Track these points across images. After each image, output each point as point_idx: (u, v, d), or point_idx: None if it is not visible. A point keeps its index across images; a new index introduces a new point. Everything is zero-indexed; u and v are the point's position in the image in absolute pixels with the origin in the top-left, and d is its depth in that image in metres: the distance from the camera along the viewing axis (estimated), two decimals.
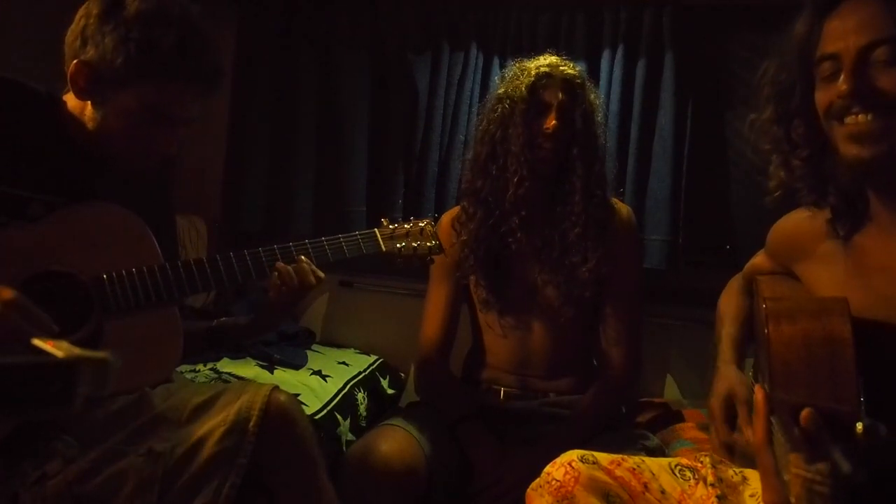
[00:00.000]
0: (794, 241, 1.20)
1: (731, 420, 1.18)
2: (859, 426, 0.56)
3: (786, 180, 1.08)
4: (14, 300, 0.96)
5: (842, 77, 0.95)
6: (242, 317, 1.45)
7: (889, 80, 0.93)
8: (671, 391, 2.28)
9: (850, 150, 0.96)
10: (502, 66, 2.31)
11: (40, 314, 0.98)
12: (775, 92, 1.08)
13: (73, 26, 1.21)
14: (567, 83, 1.67)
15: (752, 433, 1.06)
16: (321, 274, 1.34)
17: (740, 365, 1.25)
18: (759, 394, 0.90)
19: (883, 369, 0.92)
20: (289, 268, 1.31)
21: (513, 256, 1.72)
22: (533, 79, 1.66)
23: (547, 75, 1.67)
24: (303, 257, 1.33)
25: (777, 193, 1.11)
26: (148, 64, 1.16)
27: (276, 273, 1.31)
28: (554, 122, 1.64)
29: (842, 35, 0.96)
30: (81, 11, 1.21)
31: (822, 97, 1.00)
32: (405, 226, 1.47)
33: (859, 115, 0.95)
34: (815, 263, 1.14)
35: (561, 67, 1.69)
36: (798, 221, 1.16)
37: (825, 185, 1.05)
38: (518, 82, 1.68)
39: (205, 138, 2.54)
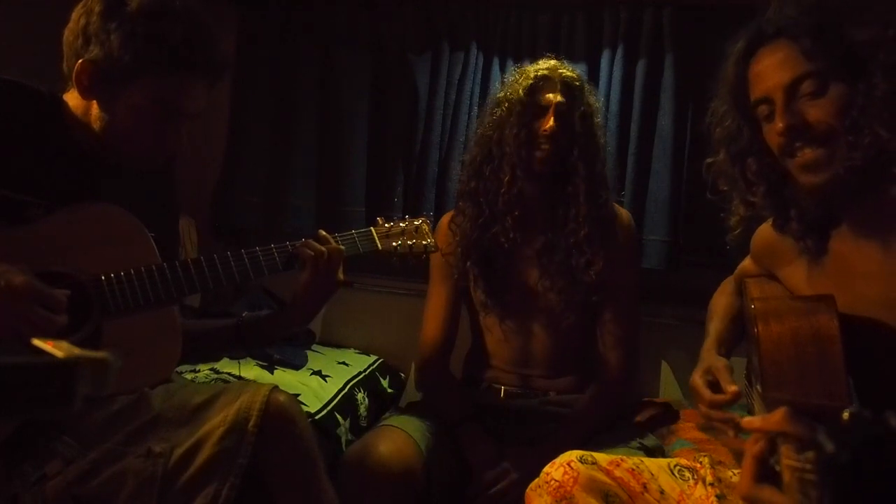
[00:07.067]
0: (774, 248, 1.23)
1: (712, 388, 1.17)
2: (845, 414, 0.58)
3: (746, 216, 1.17)
4: (24, 287, 0.99)
5: (776, 117, 1.04)
6: (267, 311, 1.44)
7: (817, 112, 1.01)
8: (670, 391, 2.28)
9: (806, 179, 1.04)
10: (502, 66, 2.32)
11: (52, 294, 1.02)
12: (724, 136, 1.17)
13: (71, 25, 1.20)
14: (565, 85, 1.67)
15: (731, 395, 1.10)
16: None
17: (721, 355, 1.26)
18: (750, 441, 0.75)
19: (869, 368, 0.94)
20: (321, 247, 1.32)
21: (511, 261, 1.72)
22: (531, 81, 1.66)
23: (545, 77, 1.67)
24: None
25: (738, 231, 1.20)
26: (156, 58, 1.17)
27: (307, 251, 1.32)
28: (552, 123, 1.63)
29: (767, 77, 1.05)
30: (80, 10, 1.20)
31: (770, 139, 1.08)
32: (401, 224, 1.47)
33: (804, 150, 1.03)
34: (796, 269, 1.18)
35: (560, 70, 1.69)
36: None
37: (787, 211, 1.12)
38: (517, 86, 1.68)
39: (204, 137, 2.54)
